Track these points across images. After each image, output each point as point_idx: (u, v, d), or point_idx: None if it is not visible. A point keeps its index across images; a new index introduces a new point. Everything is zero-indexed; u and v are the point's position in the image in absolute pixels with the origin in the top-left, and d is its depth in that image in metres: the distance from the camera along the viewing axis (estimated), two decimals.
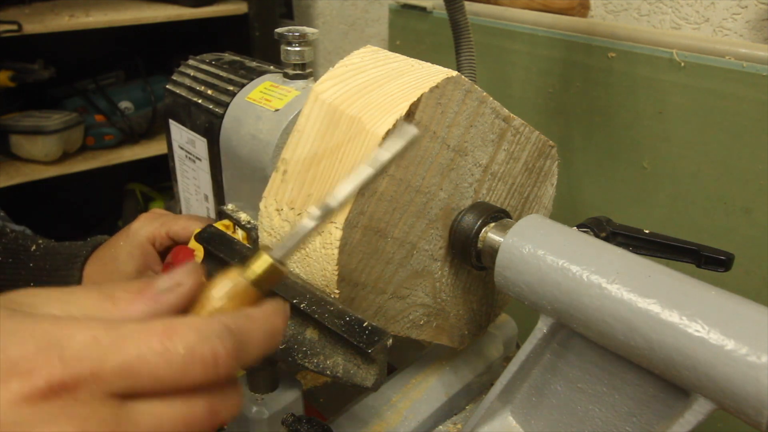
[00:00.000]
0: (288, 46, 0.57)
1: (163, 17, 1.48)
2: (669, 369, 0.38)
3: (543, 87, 1.04)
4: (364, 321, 0.42)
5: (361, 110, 0.44)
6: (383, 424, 0.56)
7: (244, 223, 0.58)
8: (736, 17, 0.94)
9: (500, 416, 0.51)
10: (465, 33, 0.71)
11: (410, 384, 0.60)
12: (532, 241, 0.45)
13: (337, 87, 0.46)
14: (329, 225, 0.43)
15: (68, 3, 1.56)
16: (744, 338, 0.35)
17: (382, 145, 0.32)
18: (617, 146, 0.97)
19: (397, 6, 1.28)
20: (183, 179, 0.69)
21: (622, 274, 0.41)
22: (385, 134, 0.42)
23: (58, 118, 1.44)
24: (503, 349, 0.66)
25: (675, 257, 0.52)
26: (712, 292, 0.38)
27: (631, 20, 1.06)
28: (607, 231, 0.53)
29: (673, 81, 0.88)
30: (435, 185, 0.48)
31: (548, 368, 0.48)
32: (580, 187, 1.04)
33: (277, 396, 0.47)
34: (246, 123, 0.56)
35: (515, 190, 0.57)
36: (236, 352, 0.27)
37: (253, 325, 0.29)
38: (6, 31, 1.24)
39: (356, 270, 0.45)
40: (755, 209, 0.84)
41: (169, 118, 0.67)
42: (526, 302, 0.46)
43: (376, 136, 0.42)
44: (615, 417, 0.45)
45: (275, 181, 0.47)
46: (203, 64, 0.66)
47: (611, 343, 0.41)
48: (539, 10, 1.06)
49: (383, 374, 0.42)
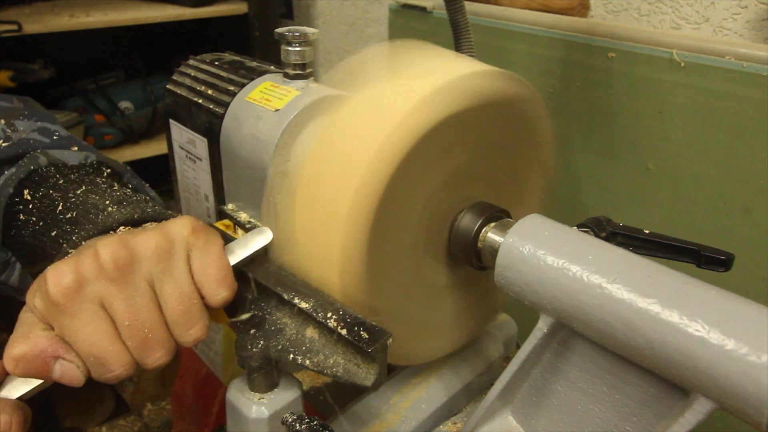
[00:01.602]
0: (288, 46, 0.57)
1: (163, 17, 1.48)
2: (669, 369, 0.38)
3: (543, 87, 1.04)
4: (365, 320, 0.42)
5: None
6: (383, 424, 0.56)
7: (245, 223, 0.58)
8: (736, 17, 0.94)
9: (500, 416, 0.51)
10: (465, 33, 0.71)
11: (410, 384, 0.60)
12: (532, 241, 0.45)
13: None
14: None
15: (68, 3, 1.56)
16: (744, 338, 0.35)
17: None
18: (617, 146, 0.97)
19: (397, 6, 1.28)
20: (183, 179, 0.69)
21: (623, 273, 0.41)
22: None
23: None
24: (503, 348, 0.66)
25: (675, 257, 0.52)
26: (712, 291, 0.38)
27: (631, 20, 1.06)
28: (607, 231, 0.53)
29: (673, 81, 0.88)
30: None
31: (548, 368, 0.48)
32: (580, 187, 1.04)
33: (277, 396, 0.47)
34: (246, 123, 0.56)
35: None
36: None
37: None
38: (6, 31, 1.24)
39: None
40: (755, 209, 0.84)
41: (169, 118, 0.67)
42: (527, 302, 0.46)
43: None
44: (615, 417, 0.45)
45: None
46: (203, 64, 0.66)
47: (611, 342, 0.41)
48: (539, 10, 1.06)
49: (383, 374, 0.42)
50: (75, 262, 0.40)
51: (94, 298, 0.40)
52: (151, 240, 0.42)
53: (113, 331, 0.40)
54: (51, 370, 0.39)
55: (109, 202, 0.49)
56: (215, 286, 0.43)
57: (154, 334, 0.41)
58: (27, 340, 0.39)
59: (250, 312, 0.46)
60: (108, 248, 0.41)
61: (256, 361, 0.45)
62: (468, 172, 0.52)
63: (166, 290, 0.42)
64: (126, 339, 0.41)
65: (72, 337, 0.40)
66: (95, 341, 0.40)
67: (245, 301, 0.47)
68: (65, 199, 0.50)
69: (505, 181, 0.57)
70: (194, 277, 0.43)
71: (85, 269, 0.40)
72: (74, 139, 0.59)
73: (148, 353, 0.41)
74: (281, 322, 0.45)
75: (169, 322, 0.42)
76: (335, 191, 0.46)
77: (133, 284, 0.41)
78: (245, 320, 0.46)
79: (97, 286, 0.40)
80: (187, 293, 0.42)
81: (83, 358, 0.40)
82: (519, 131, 0.54)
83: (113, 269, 0.40)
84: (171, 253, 0.42)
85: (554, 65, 1.01)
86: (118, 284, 0.40)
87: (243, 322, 0.46)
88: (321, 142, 0.49)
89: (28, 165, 0.53)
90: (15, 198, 0.52)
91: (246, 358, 0.45)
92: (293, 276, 0.47)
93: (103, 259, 0.40)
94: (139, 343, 0.41)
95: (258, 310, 0.46)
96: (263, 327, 0.46)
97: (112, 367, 0.40)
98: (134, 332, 0.40)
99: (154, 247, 0.42)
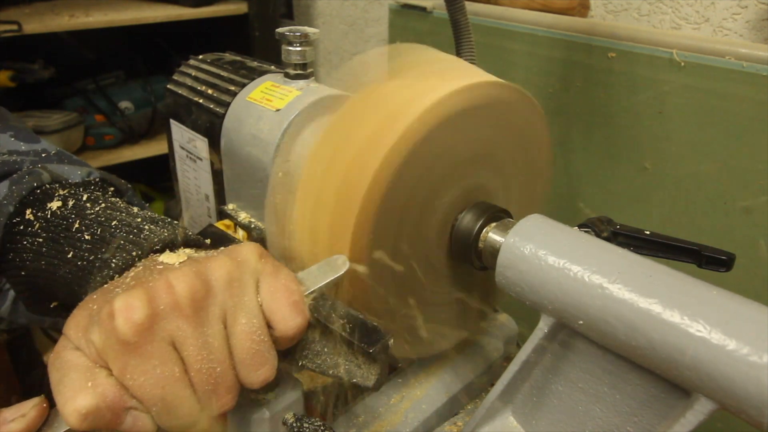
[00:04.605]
0: (289, 46, 0.57)
1: (163, 17, 1.48)
2: (670, 369, 0.38)
3: (543, 87, 1.04)
4: (366, 320, 0.42)
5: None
6: (384, 424, 0.56)
7: (245, 222, 0.58)
8: (736, 17, 0.94)
9: (501, 416, 0.51)
10: (465, 33, 0.71)
11: (411, 384, 0.60)
12: (533, 241, 0.45)
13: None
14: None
15: (68, 3, 1.56)
16: (745, 338, 0.35)
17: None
18: (617, 146, 0.97)
19: (397, 6, 1.28)
20: (183, 179, 0.69)
21: (624, 274, 0.41)
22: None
23: (58, 118, 1.44)
24: (503, 349, 0.66)
25: (676, 257, 0.52)
26: (713, 291, 0.38)
27: (631, 20, 1.06)
28: (608, 231, 0.53)
29: (673, 81, 0.88)
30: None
31: (549, 368, 0.48)
32: (580, 187, 1.04)
33: (278, 396, 0.47)
34: (247, 123, 0.56)
35: None
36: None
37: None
38: (6, 31, 1.24)
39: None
40: (755, 209, 0.84)
41: (169, 117, 0.67)
42: (527, 302, 0.46)
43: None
44: (616, 417, 0.45)
45: None
46: (204, 64, 0.66)
47: (612, 343, 0.41)
48: (539, 10, 1.06)
49: (384, 374, 0.42)
50: (146, 294, 0.36)
51: (166, 336, 0.35)
52: (223, 269, 0.38)
53: (183, 374, 0.36)
54: (122, 422, 0.35)
55: (141, 221, 0.44)
56: (288, 312, 0.39)
57: (224, 377, 0.37)
58: (93, 390, 0.34)
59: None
60: (184, 281, 0.36)
61: None
62: (468, 173, 0.52)
63: (237, 326, 0.37)
64: (195, 384, 0.36)
65: (138, 380, 0.35)
66: (165, 386, 0.35)
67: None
68: (82, 216, 0.45)
69: (504, 183, 0.57)
70: (263, 305, 0.39)
71: (159, 303, 0.35)
72: (65, 154, 0.55)
73: (215, 398, 0.37)
74: None
75: (236, 362, 0.37)
76: (340, 193, 0.46)
77: (207, 321, 0.37)
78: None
79: (170, 323, 0.35)
80: (257, 327, 0.38)
81: (148, 404, 0.35)
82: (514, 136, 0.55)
83: (189, 305, 0.36)
84: (242, 282, 0.38)
85: (554, 65, 1.01)
86: (191, 321, 0.36)
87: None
88: (323, 143, 0.49)
89: (31, 182, 0.48)
90: (15, 218, 0.47)
91: None
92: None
93: (179, 294, 0.36)
94: (209, 387, 0.36)
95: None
96: None
97: (179, 414, 0.36)
98: (204, 377, 0.36)
99: (226, 277, 0.38)
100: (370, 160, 0.45)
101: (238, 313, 0.38)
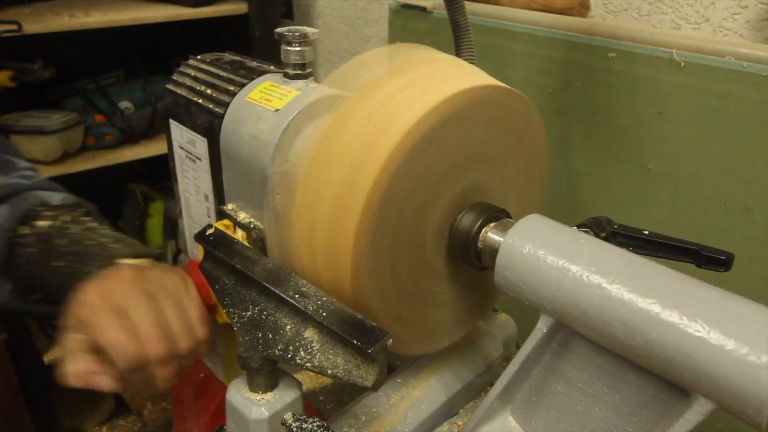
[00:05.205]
0: (288, 46, 0.57)
1: (163, 17, 1.47)
2: (669, 369, 0.38)
3: (543, 87, 1.04)
4: (364, 321, 0.42)
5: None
6: (383, 424, 0.56)
7: (244, 222, 0.58)
8: (736, 17, 0.94)
9: (500, 416, 0.51)
10: (465, 33, 0.71)
11: (410, 384, 0.60)
12: (532, 241, 0.45)
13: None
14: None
15: (68, 3, 1.56)
16: (744, 338, 0.35)
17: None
18: (617, 146, 0.97)
19: (397, 6, 1.28)
20: (183, 179, 0.69)
21: (623, 274, 0.41)
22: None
23: (58, 118, 1.43)
24: (503, 348, 0.66)
25: (675, 257, 0.52)
26: (712, 292, 0.38)
27: (631, 20, 1.06)
28: (607, 231, 0.53)
29: (673, 81, 0.88)
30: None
31: (548, 368, 0.48)
32: (580, 187, 1.04)
33: (277, 396, 0.47)
34: (246, 123, 0.56)
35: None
36: None
37: None
38: (6, 31, 1.24)
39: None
40: (755, 209, 0.84)
41: (169, 117, 0.67)
42: (527, 302, 0.46)
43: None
44: (615, 417, 0.45)
45: None
46: (203, 64, 0.66)
47: (611, 343, 0.41)
48: (539, 10, 1.06)
49: (383, 374, 0.42)
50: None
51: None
52: (159, 270, 0.54)
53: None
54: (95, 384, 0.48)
55: (107, 240, 0.60)
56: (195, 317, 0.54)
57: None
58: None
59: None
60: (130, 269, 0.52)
61: (256, 362, 0.45)
62: (467, 173, 0.52)
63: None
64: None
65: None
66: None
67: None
68: (63, 236, 0.60)
69: (503, 183, 0.57)
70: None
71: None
72: (45, 181, 0.69)
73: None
74: (281, 323, 0.45)
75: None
76: (339, 193, 0.46)
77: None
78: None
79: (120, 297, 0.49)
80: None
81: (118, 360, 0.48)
82: (513, 137, 0.55)
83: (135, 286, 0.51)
84: (171, 282, 0.54)
85: (554, 65, 1.01)
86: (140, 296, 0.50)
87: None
88: (322, 143, 0.49)
89: (20, 206, 0.62)
90: (12, 232, 0.61)
91: (246, 358, 0.45)
92: (293, 276, 0.47)
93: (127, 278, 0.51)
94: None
95: (258, 310, 0.46)
96: (263, 328, 0.46)
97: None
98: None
99: (161, 273, 0.53)
100: (370, 160, 0.45)
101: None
